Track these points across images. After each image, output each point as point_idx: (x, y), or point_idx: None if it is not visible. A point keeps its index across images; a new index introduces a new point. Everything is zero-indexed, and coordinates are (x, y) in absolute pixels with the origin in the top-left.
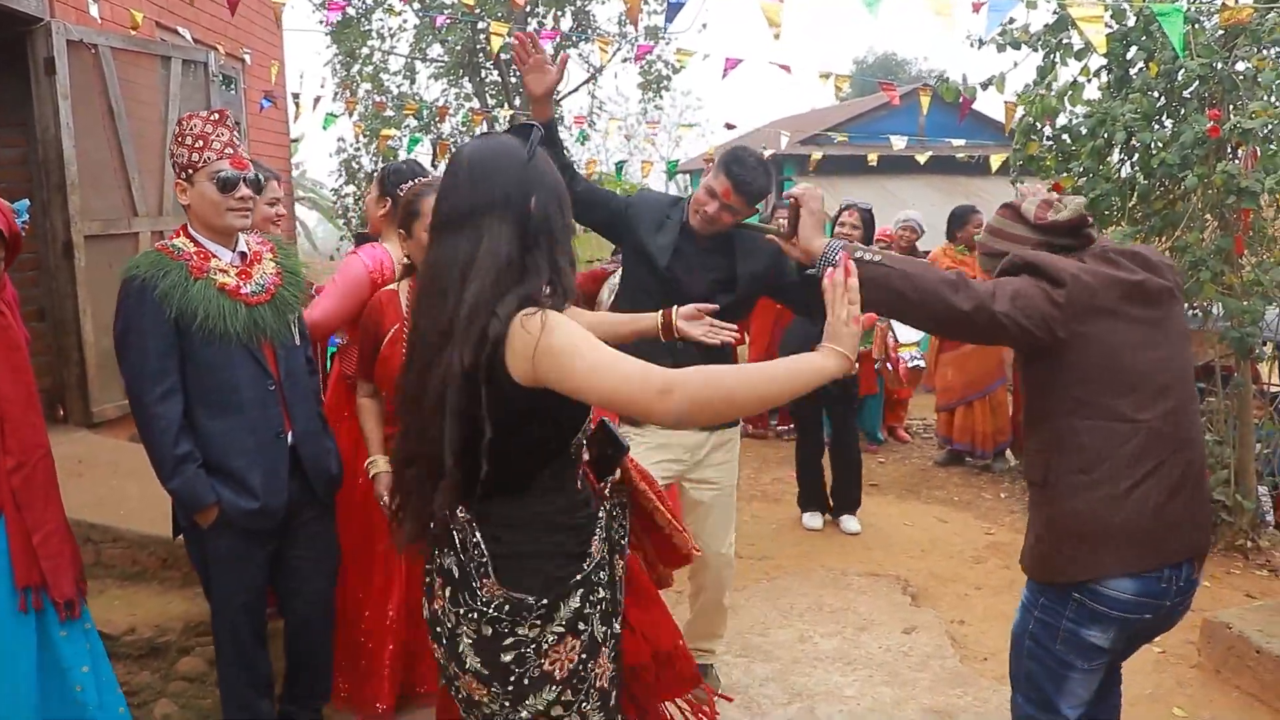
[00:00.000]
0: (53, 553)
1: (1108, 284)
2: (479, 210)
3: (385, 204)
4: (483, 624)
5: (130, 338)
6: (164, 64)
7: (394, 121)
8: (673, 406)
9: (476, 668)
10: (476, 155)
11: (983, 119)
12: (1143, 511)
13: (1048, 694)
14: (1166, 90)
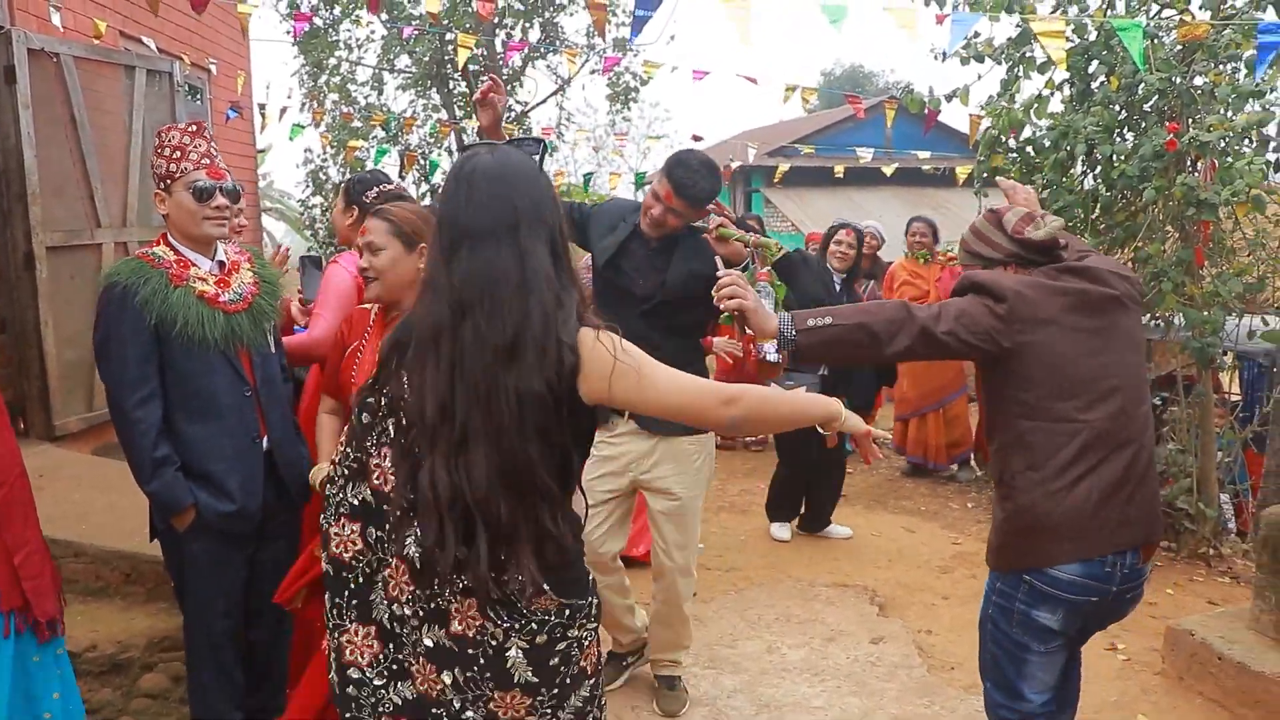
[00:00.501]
0: (34, 572)
1: (1048, 296)
2: (513, 225)
3: (353, 213)
4: (539, 633)
5: (110, 344)
6: (128, 73)
7: (361, 132)
8: (735, 414)
9: (528, 679)
10: (495, 169)
11: (948, 131)
12: (1085, 505)
13: (1010, 678)
14: (1127, 104)
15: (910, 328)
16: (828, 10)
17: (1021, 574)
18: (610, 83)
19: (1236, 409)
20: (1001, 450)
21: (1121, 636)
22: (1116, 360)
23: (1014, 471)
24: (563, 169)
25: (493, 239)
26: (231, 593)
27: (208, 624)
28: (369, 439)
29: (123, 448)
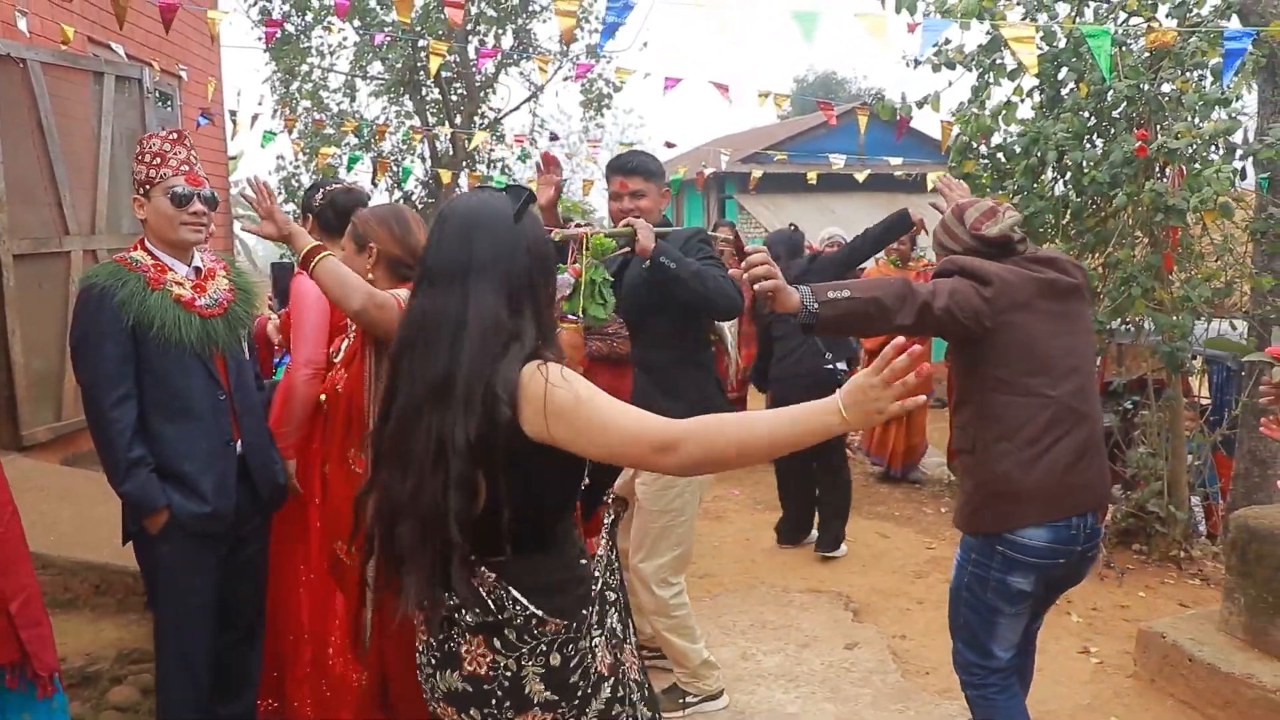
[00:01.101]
0: (32, 619)
1: (1025, 282)
2: (467, 269)
3: (307, 220)
4: (551, 652)
5: (88, 343)
6: (96, 80)
7: (333, 139)
8: (672, 462)
9: (546, 698)
10: (467, 212)
11: (920, 137)
12: (1053, 472)
13: (982, 639)
14: (1096, 110)
15: (913, 302)
16: (799, 19)
17: (995, 544)
18: (583, 89)
19: (1206, 412)
20: (972, 422)
21: (1094, 640)
22: (1078, 342)
23: (986, 442)
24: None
25: (446, 280)
26: (203, 597)
27: (179, 628)
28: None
29: (97, 448)
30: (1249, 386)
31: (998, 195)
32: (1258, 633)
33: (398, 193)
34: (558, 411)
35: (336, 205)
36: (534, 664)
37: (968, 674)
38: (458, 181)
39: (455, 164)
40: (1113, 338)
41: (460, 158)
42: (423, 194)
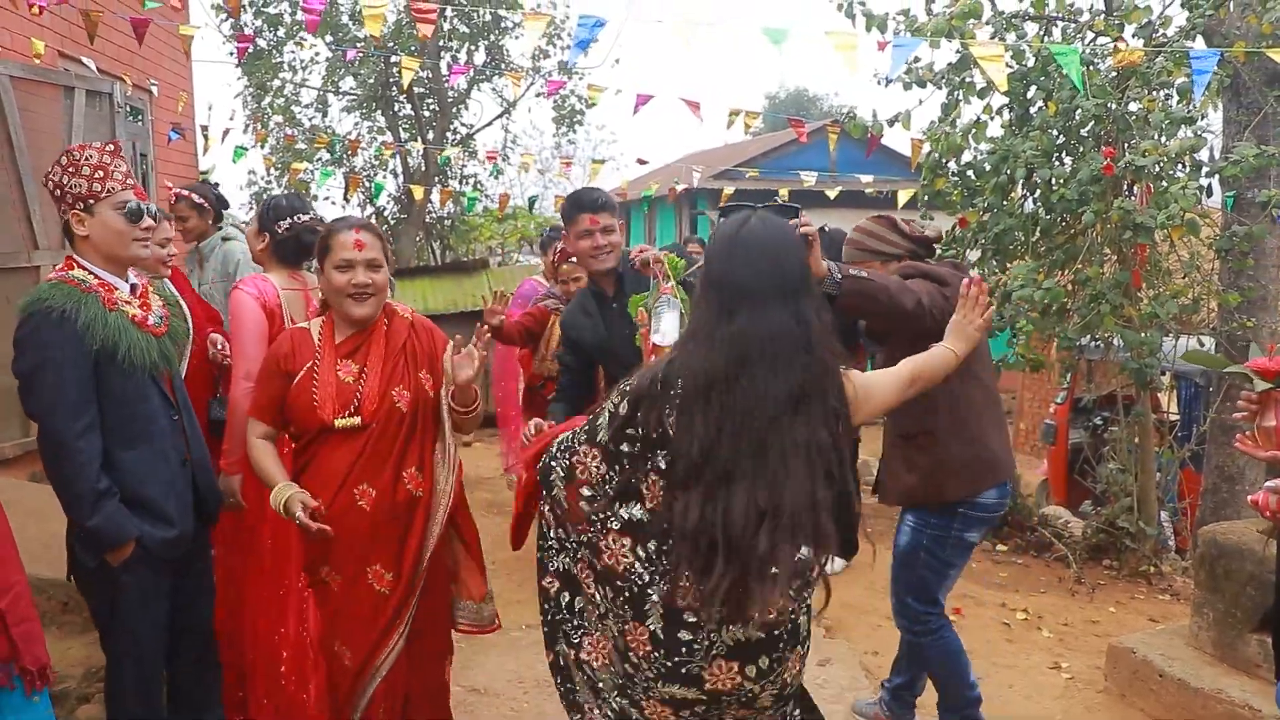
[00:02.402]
0: (22, 616)
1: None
2: (787, 289)
3: (264, 239)
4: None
5: (45, 371)
6: (67, 94)
7: (306, 154)
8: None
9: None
10: (765, 234)
11: (891, 154)
12: (998, 443)
13: (932, 590)
14: (1065, 128)
15: (910, 294)
16: (769, 33)
17: (956, 508)
18: (555, 106)
19: (1175, 428)
20: (932, 409)
21: (1065, 655)
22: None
23: (949, 424)
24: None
25: (776, 300)
26: (160, 623)
27: (139, 657)
28: (638, 466)
29: (57, 481)
30: (1217, 402)
31: (968, 212)
32: (1226, 647)
33: (370, 208)
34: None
35: (300, 243)
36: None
37: (919, 623)
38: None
39: (427, 180)
40: (1082, 354)
41: (432, 173)
42: (395, 210)
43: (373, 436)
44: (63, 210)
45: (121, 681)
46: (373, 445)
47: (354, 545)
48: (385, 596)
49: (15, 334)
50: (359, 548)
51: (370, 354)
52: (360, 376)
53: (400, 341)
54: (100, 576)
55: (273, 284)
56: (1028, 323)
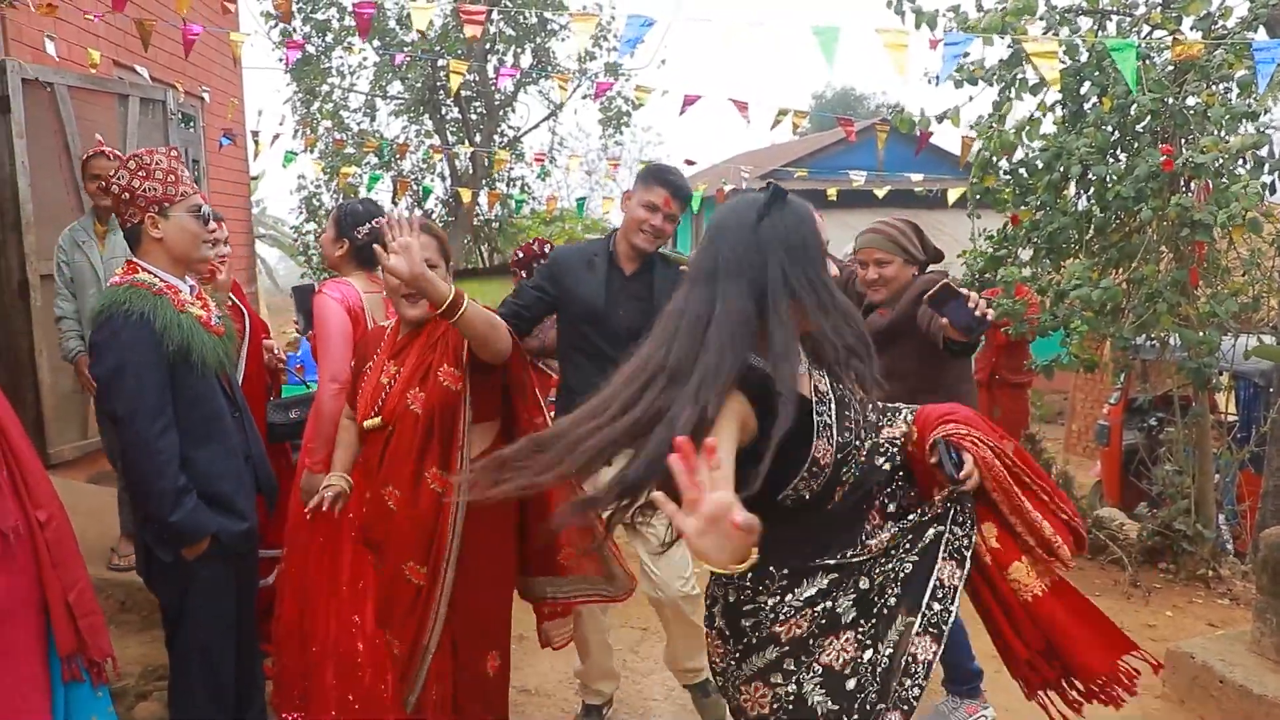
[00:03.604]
0: (87, 609)
1: None
2: (715, 272)
3: (343, 245)
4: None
5: (126, 373)
6: (121, 102)
7: (354, 159)
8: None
9: (719, 627)
10: (717, 216)
11: (940, 153)
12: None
13: None
14: (1120, 125)
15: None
16: (819, 32)
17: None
18: (602, 107)
19: (1233, 429)
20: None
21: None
22: None
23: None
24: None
25: (699, 282)
26: (231, 616)
27: (209, 650)
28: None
29: (136, 479)
30: (1278, 403)
31: (1020, 211)
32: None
33: (418, 211)
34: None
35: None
36: (721, 596)
37: None
38: (477, 200)
39: (475, 182)
40: (1137, 354)
41: (480, 176)
42: (443, 212)
43: (391, 438)
44: (131, 213)
45: (189, 677)
46: (392, 446)
47: (389, 543)
48: (422, 588)
49: (93, 337)
50: (394, 545)
51: (410, 355)
52: (394, 377)
53: (436, 337)
54: (175, 572)
55: (355, 287)
56: (1082, 322)
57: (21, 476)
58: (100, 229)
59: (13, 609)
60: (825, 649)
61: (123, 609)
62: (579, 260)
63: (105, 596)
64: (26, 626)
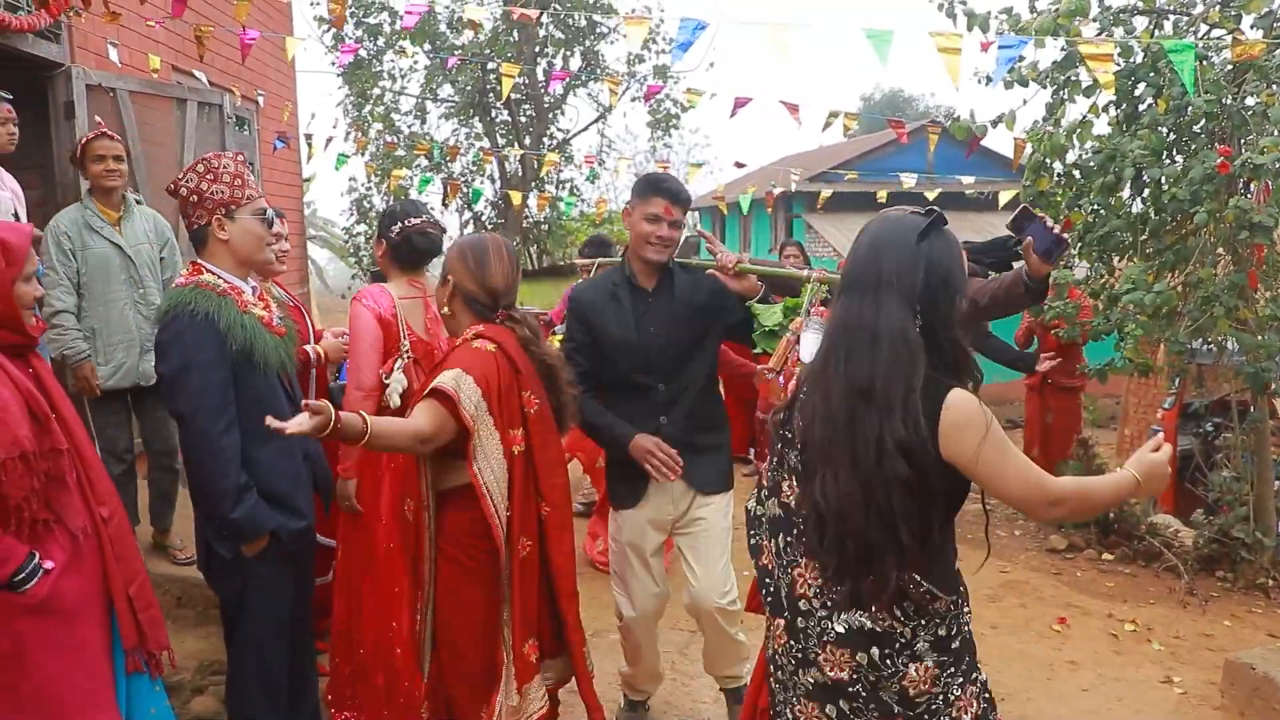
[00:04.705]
0: (146, 602)
1: None
2: (875, 283)
3: (381, 246)
4: (941, 626)
5: (192, 372)
6: (179, 106)
7: (405, 161)
8: (1058, 515)
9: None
10: (878, 229)
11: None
12: None
13: None
14: (1176, 126)
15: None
16: (872, 35)
17: None
18: (651, 110)
19: None
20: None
21: (1177, 669)
22: None
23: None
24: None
25: (860, 291)
26: (285, 615)
27: (264, 647)
28: (783, 462)
29: (199, 476)
30: None
31: (1073, 213)
32: None
33: (468, 213)
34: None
35: (413, 245)
36: (926, 635)
37: None
38: (527, 202)
39: (524, 185)
40: (1193, 358)
41: (529, 178)
42: (492, 214)
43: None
44: (198, 215)
45: (245, 672)
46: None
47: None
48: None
49: (158, 336)
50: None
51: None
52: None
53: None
54: (234, 568)
55: (390, 294)
56: (1136, 326)
57: (86, 475)
58: (113, 215)
59: (83, 606)
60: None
61: (179, 604)
62: (600, 296)
63: (162, 592)
64: (95, 622)
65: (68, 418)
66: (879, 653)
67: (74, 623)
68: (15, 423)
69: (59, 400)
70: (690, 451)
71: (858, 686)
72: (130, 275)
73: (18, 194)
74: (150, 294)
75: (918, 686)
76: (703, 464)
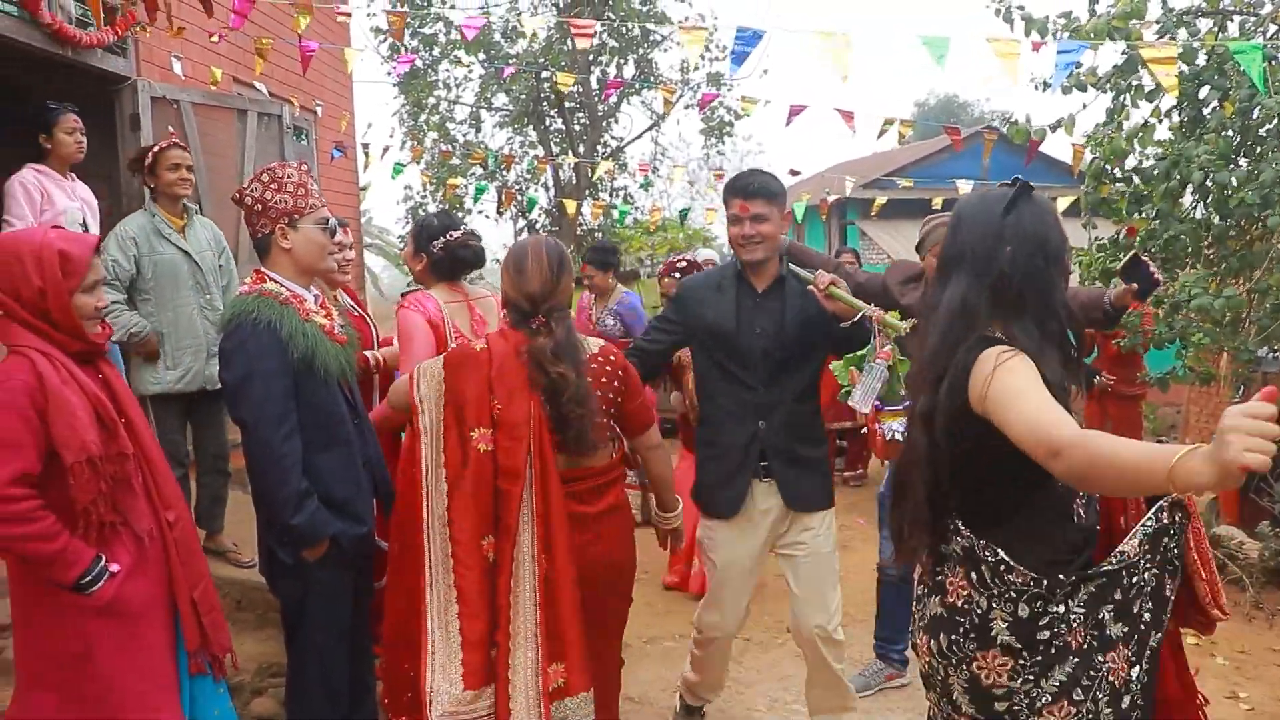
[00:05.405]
0: (210, 605)
1: None
2: (954, 260)
3: (421, 259)
4: (1019, 603)
5: (254, 379)
6: (240, 117)
7: (460, 169)
8: (1059, 468)
9: (1008, 642)
10: (963, 208)
11: (1047, 160)
12: None
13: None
14: (1243, 129)
15: None
16: (929, 43)
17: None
18: (704, 118)
19: None
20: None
21: (1243, 684)
22: None
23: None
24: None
25: (943, 272)
26: (345, 621)
27: (324, 652)
28: None
29: (262, 483)
30: None
31: (1134, 220)
32: None
33: (522, 221)
34: (991, 393)
35: (457, 258)
36: (1002, 609)
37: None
38: (581, 210)
39: (579, 193)
40: (1259, 366)
41: (584, 186)
42: (547, 222)
43: None
44: (262, 224)
45: (305, 676)
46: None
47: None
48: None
49: (221, 344)
50: None
51: None
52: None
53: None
54: (296, 573)
55: (435, 299)
56: (1200, 334)
57: (153, 479)
58: (178, 222)
59: (148, 609)
60: (1106, 663)
61: (239, 608)
62: (707, 286)
63: (222, 595)
64: (159, 624)
65: (136, 422)
66: (946, 639)
67: (139, 625)
68: (83, 428)
69: (127, 405)
70: (788, 463)
71: (936, 677)
72: (197, 281)
73: (89, 203)
74: (214, 300)
75: (990, 676)
76: (803, 480)
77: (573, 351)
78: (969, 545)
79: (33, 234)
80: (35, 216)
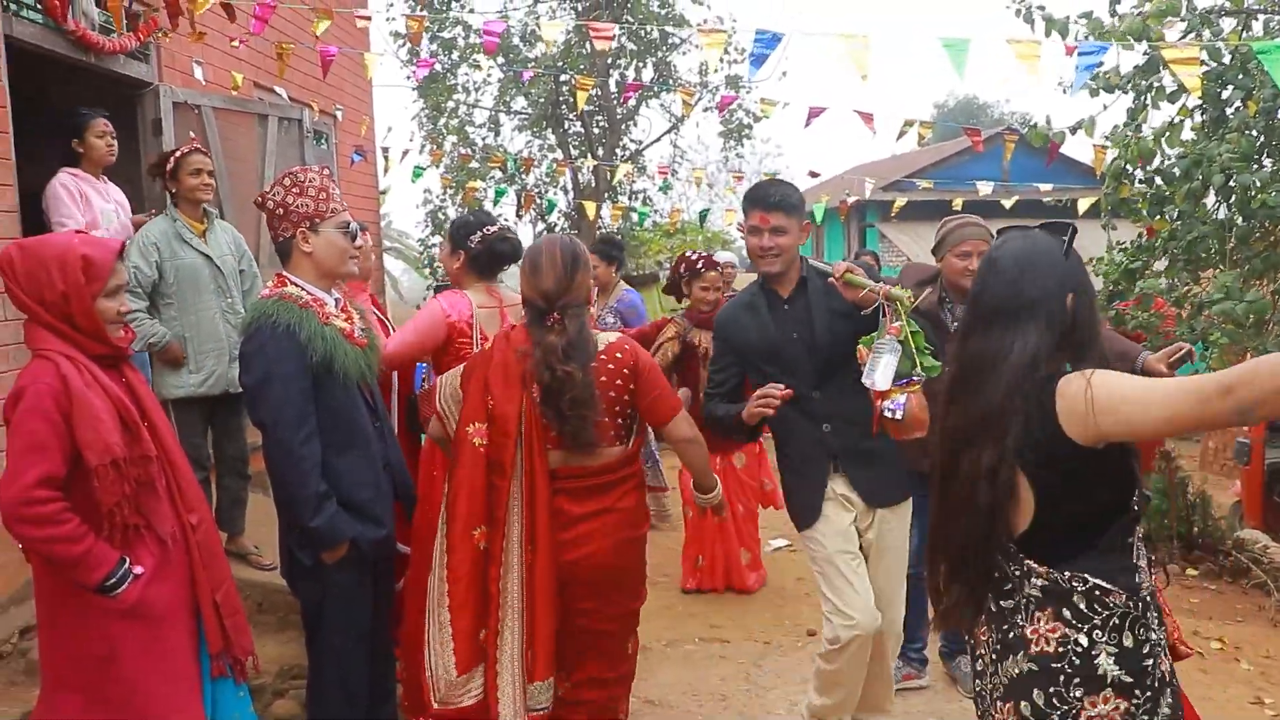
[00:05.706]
0: (233, 608)
1: None
2: (1018, 308)
3: (459, 257)
4: (1124, 630)
5: (273, 382)
6: (261, 122)
7: (479, 173)
8: (1231, 405)
9: (1120, 679)
10: (1020, 252)
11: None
12: None
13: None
14: (1266, 129)
15: None
16: (949, 46)
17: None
18: (723, 120)
19: None
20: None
21: (1268, 690)
22: None
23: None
24: (679, 206)
25: (997, 320)
26: (364, 624)
27: (343, 654)
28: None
29: (281, 485)
30: None
31: (1156, 221)
32: None
33: (541, 224)
34: (1100, 404)
35: (495, 251)
36: (1107, 640)
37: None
38: (600, 213)
39: (598, 195)
40: None
41: (602, 189)
42: (566, 225)
43: None
44: (284, 228)
45: (325, 678)
46: None
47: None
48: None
49: (242, 347)
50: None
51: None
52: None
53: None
54: (315, 576)
55: (469, 301)
56: (1223, 336)
57: (176, 482)
58: (199, 226)
59: (171, 611)
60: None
61: (260, 610)
62: (739, 310)
63: (244, 597)
64: (182, 626)
65: (159, 425)
66: (1044, 696)
67: (162, 627)
68: (107, 431)
69: (151, 408)
70: (860, 462)
71: None
72: (219, 285)
73: (123, 205)
74: (236, 303)
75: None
76: (876, 475)
77: (583, 351)
78: (1049, 583)
79: (57, 239)
80: (81, 217)
